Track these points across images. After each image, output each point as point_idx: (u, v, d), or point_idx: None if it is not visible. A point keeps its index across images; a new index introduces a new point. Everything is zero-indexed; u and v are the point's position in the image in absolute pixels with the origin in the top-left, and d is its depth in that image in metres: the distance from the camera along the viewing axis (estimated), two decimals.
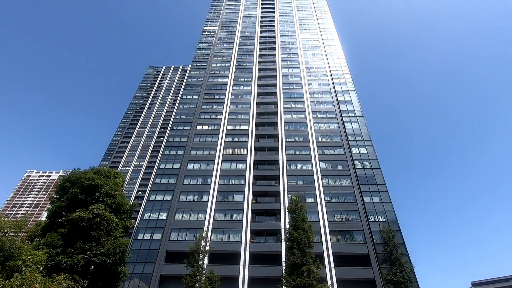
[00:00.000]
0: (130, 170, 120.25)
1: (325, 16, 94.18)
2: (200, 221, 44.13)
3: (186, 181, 50.44)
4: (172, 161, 53.91)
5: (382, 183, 47.55)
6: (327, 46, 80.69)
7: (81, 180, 30.09)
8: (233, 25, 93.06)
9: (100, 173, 32.15)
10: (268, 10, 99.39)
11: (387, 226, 38.62)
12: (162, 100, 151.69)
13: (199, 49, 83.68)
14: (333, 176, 49.68)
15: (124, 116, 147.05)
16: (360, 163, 51.03)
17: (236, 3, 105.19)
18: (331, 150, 54.02)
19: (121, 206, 31.37)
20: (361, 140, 54.94)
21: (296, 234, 27.96)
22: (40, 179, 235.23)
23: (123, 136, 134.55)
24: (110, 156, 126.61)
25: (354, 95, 64.76)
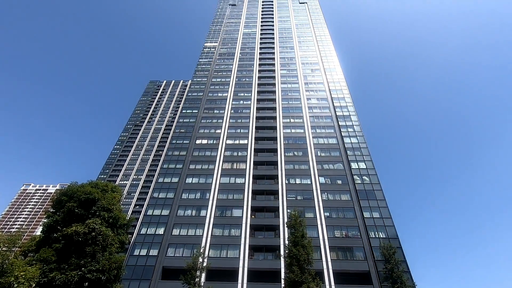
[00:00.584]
0: (128, 184, 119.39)
1: (323, 33, 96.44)
2: (198, 237, 43.40)
3: (185, 195, 49.98)
4: (170, 175, 53.62)
5: (382, 199, 47.22)
6: (326, 62, 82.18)
7: (78, 193, 29.83)
8: (233, 41, 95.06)
9: (98, 187, 31.92)
10: (267, 28, 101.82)
11: (387, 243, 38.02)
12: (162, 114, 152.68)
13: (199, 65, 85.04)
14: (332, 191, 49.38)
15: (124, 129, 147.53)
16: (360, 178, 50.87)
17: (236, 20, 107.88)
18: (330, 165, 53.97)
19: (118, 221, 30.95)
20: (360, 155, 55.02)
21: (295, 250, 27.50)
22: (37, 192, 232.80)
23: (122, 149, 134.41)
24: (108, 170, 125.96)
25: (353, 110, 65.39)
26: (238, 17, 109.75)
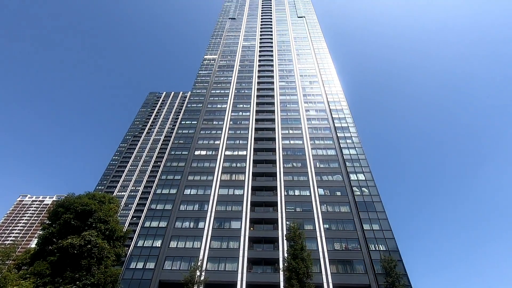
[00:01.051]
0: (126, 195, 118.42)
1: (321, 46, 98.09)
2: (195, 249, 42.72)
3: (183, 207, 49.52)
4: (168, 187, 53.28)
5: (382, 210, 46.91)
6: (324, 74, 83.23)
7: (75, 205, 29.56)
8: (232, 54, 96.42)
9: (95, 198, 31.69)
10: (266, 41, 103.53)
11: (388, 256, 37.53)
12: (161, 125, 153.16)
13: (199, 77, 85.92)
14: (331, 203, 49.08)
15: (123, 140, 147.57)
16: (359, 189, 50.67)
17: (236, 34, 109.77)
18: (329, 176, 53.83)
19: (114, 233, 30.58)
20: (359, 166, 55.00)
21: (294, 263, 27.09)
22: (33, 204, 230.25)
23: (120, 160, 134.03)
24: (106, 181, 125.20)
25: (351, 122, 65.79)
26: (238, 30, 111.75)
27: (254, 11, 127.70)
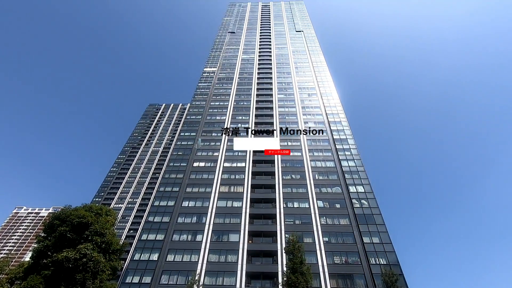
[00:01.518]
0: (123, 207, 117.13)
1: (319, 60, 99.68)
2: (193, 263, 41.96)
3: (180, 219, 48.98)
4: (166, 199, 52.85)
5: (381, 223, 46.50)
6: (322, 87, 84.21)
7: (71, 217, 29.19)
8: (232, 66, 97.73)
9: (92, 210, 31.35)
10: (265, 54, 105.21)
11: (389, 269, 36.91)
12: (160, 137, 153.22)
13: (198, 89, 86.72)
14: (331, 215, 48.66)
15: (121, 152, 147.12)
16: (358, 202, 50.39)
17: (235, 47, 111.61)
18: (328, 188, 53.63)
19: (110, 246, 30.09)
20: (358, 178, 54.90)
21: (294, 277, 26.61)
22: (29, 216, 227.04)
23: (118, 172, 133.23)
24: (103, 193, 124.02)
25: (349, 134, 66.09)
26: (237, 44, 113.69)
27: (253, 25, 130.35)
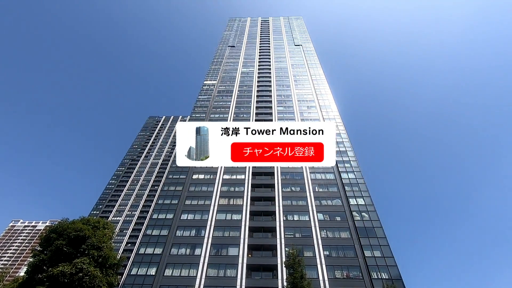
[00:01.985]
0: (121, 220, 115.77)
1: (318, 73, 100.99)
2: (191, 278, 41.09)
3: (179, 232, 48.32)
4: (165, 211, 52.33)
5: (383, 236, 45.89)
6: (321, 100, 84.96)
7: (68, 231, 28.83)
8: (232, 79, 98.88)
9: (89, 223, 31.01)
10: (265, 67, 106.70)
11: (391, 284, 36.23)
12: (159, 149, 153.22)
13: (198, 101, 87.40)
14: (331, 228, 48.08)
15: (120, 164, 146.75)
16: (359, 214, 49.91)
17: (235, 60, 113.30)
18: (329, 200, 53.24)
19: (107, 260, 29.58)
20: (358, 190, 54.59)
21: None
22: (25, 229, 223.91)
23: (117, 184, 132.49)
24: (101, 205, 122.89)
25: (349, 146, 66.17)
26: (237, 57, 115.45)
27: (253, 40, 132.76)
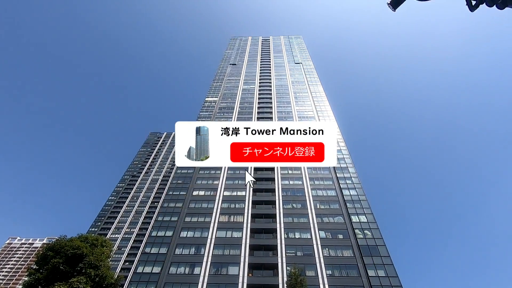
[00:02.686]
0: (120, 237, 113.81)
1: (318, 90, 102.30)
2: None
3: (178, 250, 47.36)
4: (164, 229, 51.53)
5: (386, 255, 44.82)
6: (321, 116, 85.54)
7: (65, 248, 28.32)
8: (233, 96, 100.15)
9: (87, 241, 30.50)
10: (265, 84, 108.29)
11: None
12: (160, 165, 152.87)
13: (200, 117, 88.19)
14: (334, 247, 47.06)
15: (121, 180, 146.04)
16: (361, 232, 48.99)
17: (236, 78, 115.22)
18: (330, 218, 52.44)
19: (104, 280, 28.88)
20: (360, 207, 53.86)
21: None
22: (22, 246, 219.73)
23: (116, 201, 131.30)
24: (100, 222, 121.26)
25: (350, 162, 65.95)
26: (238, 75, 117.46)
27: (254, 58, 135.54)
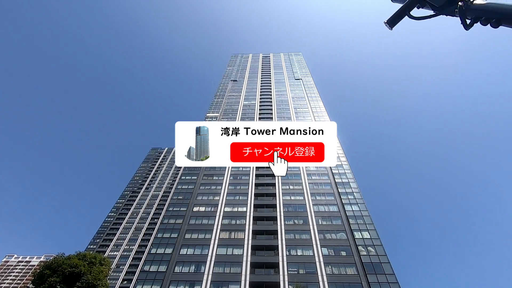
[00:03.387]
0: (119, 255, 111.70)
1: (318, 105, 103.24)
2: None
3: (178, 268, 46.35)
4: (164, 245, 50.66)
5: (391, 273, 43.71)
6: None
7: (63, 267, 27.78)
8: (234, 111, 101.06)
9: (86, 259, 29.97)
10: (266, 100, 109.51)
11: None
12: (161, 181, 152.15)
13: None
14: (337, 264, 46.01)
15: (121, 196, 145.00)
16: (365, 249, 48.01)
17: (237, 94, 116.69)
18: (333, 234, 51.57)
19: None
20: (363, 223, 53.05)
21: None
22: (19, 264, 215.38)
23: (116, 217, 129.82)
24: (99, 239, 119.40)
25: (352, 177, 65.56)
26: (239, 91, 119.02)
27: (255, 74, 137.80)
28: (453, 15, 4.12)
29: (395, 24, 4.72)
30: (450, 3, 4.06)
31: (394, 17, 4.61)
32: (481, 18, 3.75)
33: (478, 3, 3.82)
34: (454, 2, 4.01)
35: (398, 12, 4.57)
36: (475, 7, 3.82)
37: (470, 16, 3.87)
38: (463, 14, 3.89)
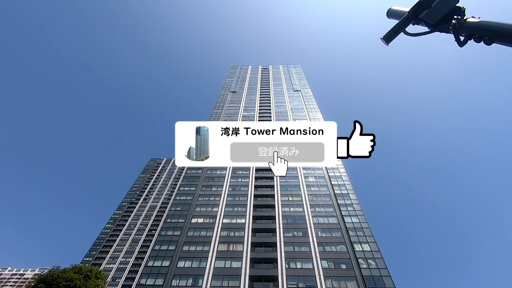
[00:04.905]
0: (115, 268, 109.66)
1: (317, 116, 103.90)
2: None
3: (175, 282, 45.44)
4: (161, 258, 49.84)
5: (392, 286, 42.93)
6: None
7: (58, 280, 27.23)
8: None
9: (81, 272, 29.43)
10: (265, 111, 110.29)
11: None
12: (159, 192, 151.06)
13: None
14: (337, 277, 45.23)
15: (118, 207, 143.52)
16: (365, 261, 47.33)
17: (236, 105, 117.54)
18: (333, 246, 50.93)
19: None
20: (362, 235, 52.49)
21: None
22: (12, 277, 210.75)
23: (113, 228, 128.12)
24: (95, 251, 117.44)
25: (351, 189, 65.29)
26: (238, 102, 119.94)
27: (254, 85, 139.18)
28: (447, 32, 4.23)
29: (391, 40, 4.82)
30: (445, 21, 4.18)
31: (390, 33, 4.72)
32: (475, 36, 3.85)
33: (471, 21, 3.93)
34: (448, 20, 4.13)
35: (394, 28, 4.68)
36: (468, 25, 3.92)
37: (464, 34, 3.98)
38: (457, 31, 4.00)
